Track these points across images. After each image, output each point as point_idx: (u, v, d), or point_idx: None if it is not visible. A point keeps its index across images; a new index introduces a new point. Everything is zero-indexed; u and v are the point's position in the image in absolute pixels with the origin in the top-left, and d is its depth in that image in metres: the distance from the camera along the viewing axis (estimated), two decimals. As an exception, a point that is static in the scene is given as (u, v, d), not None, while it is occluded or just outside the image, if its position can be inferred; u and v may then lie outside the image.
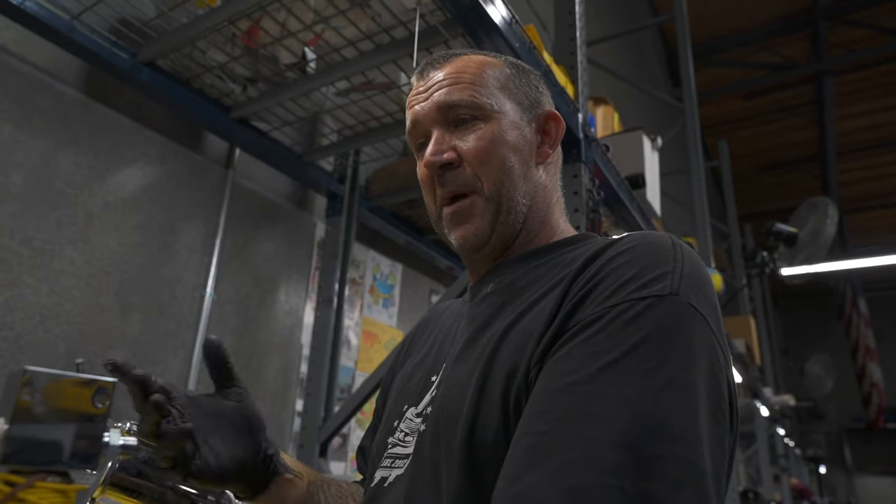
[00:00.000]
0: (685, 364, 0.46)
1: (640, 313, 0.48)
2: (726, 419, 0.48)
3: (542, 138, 0.74)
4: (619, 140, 2.19)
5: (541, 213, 0.72)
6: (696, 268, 0.53)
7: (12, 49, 1.38)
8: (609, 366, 0.46)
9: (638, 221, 2.04)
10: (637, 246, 0.54)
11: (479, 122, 0.68)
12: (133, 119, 1.62)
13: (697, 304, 0.50)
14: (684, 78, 4.26)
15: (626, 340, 0.47)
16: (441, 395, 0.61)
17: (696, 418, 0.44)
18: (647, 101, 6.28)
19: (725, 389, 0.49)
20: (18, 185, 1.36)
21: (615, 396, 0.44)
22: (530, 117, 0.73)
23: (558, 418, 0.45)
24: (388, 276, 2.60)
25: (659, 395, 0.44)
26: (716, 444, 0.46)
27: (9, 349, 1.30)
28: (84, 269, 1.46)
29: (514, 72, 0.75)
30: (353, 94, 1.73)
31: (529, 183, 0.70)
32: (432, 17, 1.35)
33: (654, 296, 0.49)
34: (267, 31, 1.49)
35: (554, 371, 0.49)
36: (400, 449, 0.63)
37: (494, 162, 0.67)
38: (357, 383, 2.26)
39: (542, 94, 0.76)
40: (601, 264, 0.54)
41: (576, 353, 0.48)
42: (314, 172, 2.09)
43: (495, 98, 0.70)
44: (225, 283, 1.82)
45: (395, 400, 0.72)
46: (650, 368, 0.45)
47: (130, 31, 1.46)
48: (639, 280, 0.50)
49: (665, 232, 0.58)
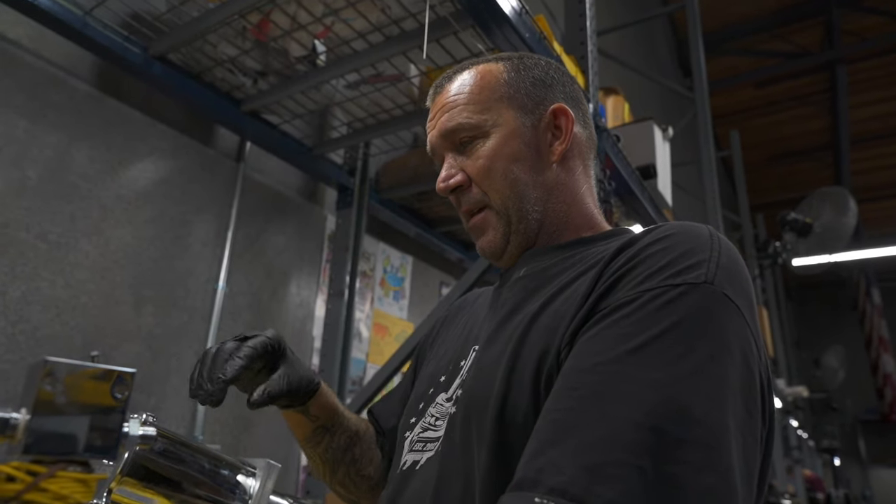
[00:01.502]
0: (716, 353, 0.46)
1: (672, 299, 0.48)
2: (759, 411, 0.48)
3: (553, 134, 0.72)
4: (630, 130, 2.18)
5: (560, 212, 0.71)
6: (733, 259, 0.53)
7: (26, 45, 1.39)
8: (638, 349, 0.46)
9: (649, 212, 2.03)
10: (675, 234, 0.54)
11: (479, 140, 0.71)
12: (145, 113, 1.63)
13: (733, 294, 0.49)
14: (695, 67, 4.22)
15: (656, 325, 0.47)
16: (471, 377, 0.62)
17: (724, 406, 0.44)
18: (657, 90, 6.23)
19: (758, 382, 0.49)
20: (34, 180, 1.37)
21: (641, 378, 0.44)
22: (535, 118, 0.72)
23: (584, 396, 0.45)
24: (399, 268, 2.61)
25: (685, 380, 0.44)
26: (748, 434, 0.45)
27: (26, 342, 1.32)
28: (99, 263, 1.48)
29: (514, 74, 0.73)
30: (363, 87, 1.73)
31: (540, 187, 0.70)
32: (442, 9, 1.35)
33: (688, 283, 0.49)
34: (277, 24, 1.49)
35: (583, 351, 0.49)
36: (431, 433, 0.64)
37: (497, 177, 0.70)
38: (368, 376, 2.27)
39: (550, 87, 0.74)
40: (637, 249, 0.54)
41: (606, 335, 0.49)
42: (324, 165, 2.09)
43: (492, 112, 0.71)
44: (237, 276, 1.84)
45: (425, 383, 0.73)
46: (679, 354, 0.45)
47: (142, 25, 1.47)
48: (674, 267, 0.50)
49: (704, 224, 0.58)
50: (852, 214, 5.11)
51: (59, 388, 0.52)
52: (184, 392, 1.63)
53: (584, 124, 0.76)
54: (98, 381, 0.55)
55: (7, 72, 1.35)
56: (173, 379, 1.61)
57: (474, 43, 1.45)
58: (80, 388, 0.54)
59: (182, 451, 0.81)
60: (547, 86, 0.74)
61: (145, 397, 1.54)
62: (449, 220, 2.54)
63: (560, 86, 0.76)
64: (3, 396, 1.26)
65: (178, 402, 1.61)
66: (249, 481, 0.89)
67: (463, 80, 0.73)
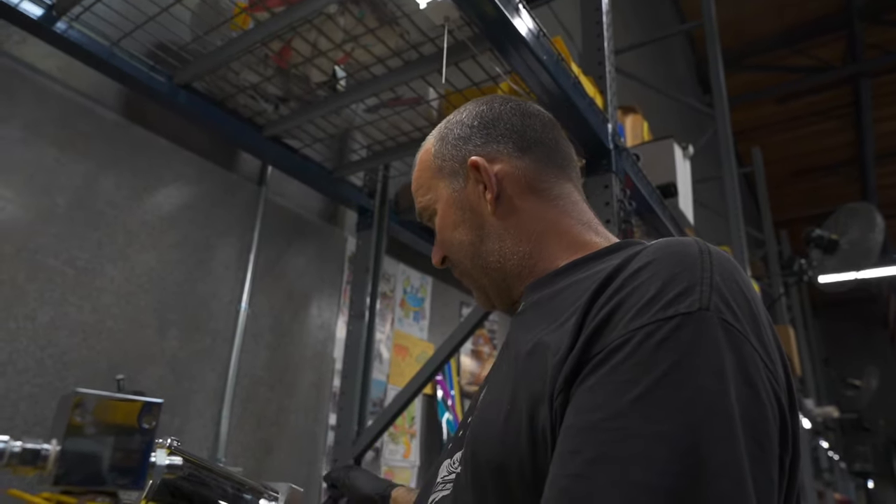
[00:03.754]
0: (722, 391, 0.43)
1: (667, 336, 0.44)
2: (773, 445, 0.44)
3: (485, 185, 0.71)
4: (650, 149, 2.17)
5: (525, 252, 0.69)
6: (728, 276, 0.49)
7: (56, 75, 1.43)
8: (641, 398, 0.43)
9: (671, 231, 2.01)
10: (660, 257, 0.50)
11: (434, 217, 0.77)
12: (170, 140, 1.67)
13: (731, 318, 0.46)
14: (714, 84, 4.20)
15: (655, 368, 0.43)
16: (474, 419, 0.62)
17: (738, 450, 0.41)
18: (676, 108, 6.21)
19: (773, 410, 0.45)
20: (62, 207, 1.41)
21: (650, 433, 0.41)
22: (463, 179, 0.73)
23: (592, 460, 0.42)
24: (419, 289, 2.61)
25: (697, 429, 0.41)
26: (760, 474, 0.42)
27: (54, 366, 1.34)
28: (124, 287, 1.50)
29: (439, 144, 0.76)
30: (382, 110, 1.75)
31: (488, 240, 0.71)
32: (460, 33, 1.36)
33: (681, 314, 0.45)
34: (298, 52, 1.52)
35: (583, 404, 0.46)
36: (454, 475, 0.64)
37: (450, 247, 0.75)
38: (389, 397, 2.26)
39: (468, 139, 0.74)
40: (623, 280, 0.50)
41: (604, 385, 0.45)
42: (344, 188, 2.11)
43: (433, 190, 0.76)
44: (259, 298, 1.85)
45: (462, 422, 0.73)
46: (685, 399, 0.42)
47: (167, 55, 1.51)
48: (663, 297, 0.46)
49: (692, 237, 0.54)
50: (880, 230, 5.00)
51: (89, 418, 0.53)
52: (207, 414, 1.64)
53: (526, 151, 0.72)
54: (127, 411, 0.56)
55: (38, 103, 1.39)
56: (197, 401, 1.62)
57: (492, 66, 1.46)
58: (109, 419, 0.55)
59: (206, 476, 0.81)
60: (465, 140, 0.74)
61: (169, 418, 1.55)
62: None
63: (481, 130, 0.74)
64: (31, 420, 1.28)
65: (201, 423, 1.62)
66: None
67: (416, 167, 0.80)
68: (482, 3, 1.16)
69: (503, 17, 1.18)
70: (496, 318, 3.15)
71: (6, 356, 1.26)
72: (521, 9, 1.24)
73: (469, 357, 2.88)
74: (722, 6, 4.89)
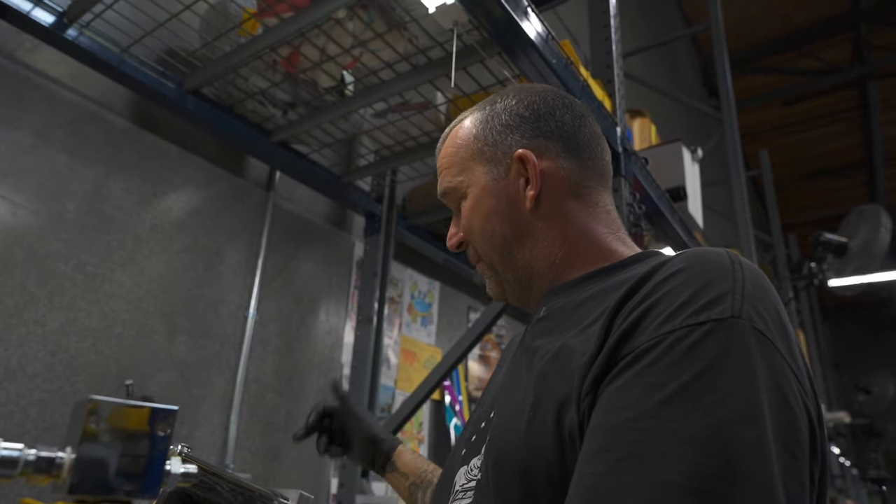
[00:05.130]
0: (753, 395, 0.42)
1: (699, 340, 0.44)
2: (805, 453, 0.44)
3: (526, 179, 0.69)
4: (659, 152, 2.16)
5: (553, 255, 0.68)
6: (760, 286, 0.49)
7: (67, 82, 1.44)
8: (669, 400, 0.42)
9: (680, 235, 2.00)
10: (692, 265, 0.50)
11: (462, 201, 0.73)
12: (179, 146, 1.67)
13: (763, 326, 0.45)
14: (721, 87, 4.19)
15: (686, 370, 0.43)
16: (496, 424, 0.61)
17: (769, 455, 0.41)
18: (682, 112, 6.19)
19: (803, 419, 0.45)
20: (72, 213, 1.41)
21: (678, 434, 0.41)
22: (504, 168, 0.70)
23: (619, 459, 0.42)
24: (427, 294, 2.61)
25: (726, 429, 0.41)
26: (792, 481, 0.41)
27: (64, 371, 1.34)
28: (133, 292, 1.50)
29: (482, 126, 0.72)
30: (390, 115, 1.75)
31: (521, 237, 0.69)
32: (469, 37, 1.36)
33: (713, 320, 0.45)
34: (307, 57, 1.52)
35: (610, 405, 0.46)
36: (473, 483, 0.63)
37: (476, 235, 0.72)
38: (397, 402, 2.26)
39: (516, 128, 0.70)
40: (653, 285, 0.50)
41: (632, 386, 0.45)
42: (352, 193, 2.11)
43: (466, 172, 0.72)
44: (267, 304, 1.85)
45: (470, 428, 0.71)
46: (715, 401, 0.42)
47: (177, 61, 1.52)
48: (696, 303, 0.46)
49: (722, 248, 0.54)
50: (886, 230, 4.97)
51: (104, 426, 0.53)
52: (216, 419, 1.63)
53: (574, 153, 0.70)
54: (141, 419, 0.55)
55: (49, 109, 1.40)
56: (205, 406, 1.62)
57: (501, 70, 1.46)
58: (124, 426, 0.54)
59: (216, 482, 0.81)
60: (513, 129, 0.71)
61: (178, 424, 1.53)
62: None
63: (532, 122, 0.71)
64: (42, 426, 1.28)
65: (210, 429, 1.62)
66: (282, 513, 0.88)
67: (447, 143, 0.76)
68: (491, 7, 1.16)
69: (512, 20, 1.18)
70: (504, 324, 3.14)
71: (16, 361, 1.26)
72: (530, 12, 1.24)
73: (477, 362, 2.87)
74: (728, 9, 4.88)
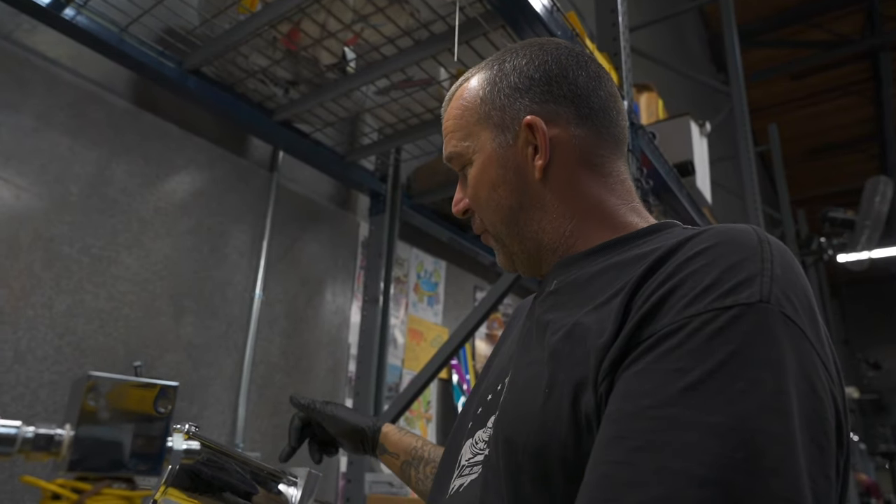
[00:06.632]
0: (781, 385, 0.40)
1: (725, 325, 0.42)
2: (832, 444, 0.42)
3: (534, 147, 0.64)
4: (666, 127, 2.13)
5: (563, 227, 0.64)
6: (789, 268, 0.46)
7: (66, 63, 1.42)
8: (692, 387, 0.41)
9: (688, 210, 1.98)
10: (718, 244, 0.48)
11: (468, 167, 0.70)
12: (181, 126, 1.66)
13: (792, 312, 0.43)
14: (730, 61, 4.12)
15: (710, 357, 0.41)
16: (506, 400, 0.59)
17: (795, 447, 0.39)
18: (689, 87, 6.10)
19: (831, 409, 0.43)
20: (76, 195, 1.40)
21: (700, 423, 0.39)
22: (512, 135, 0.65)
23: (637, 447, 0.41)
24: (433, 273, 2.60)
25: (751, 421, 0.39)
26: (818, 474, 0.40)
27: (72, 353, 1.35)
28: (139, 275, 1.50)
29: (489, 88, 0.67)
30: (393, 92, 1.73)
31: (529, 208, 0.65)
32: (472, 10, 1.34)
33: (740, 304, 0.43)
34: (307, 33, 1.50)
35: (629, 390, 0.44)
36: (479, 457, 0.61)
37: (484, 205, 0.68)
38: (405, 382, 2.27)
39: (526, 91, 0.65)
40: (676, 265, 0.48)
41: (653, 371, 0.43)
42: (356, 172, 2.10)
43: (472, 137, 0.68)
44: (273, 285, 1.85)
45: (475, 401, 0.69)
46: (741, 390, 0.40)
47: (176, 40, 1.50)
48: (722, 285, 0.44)
49: (749, 225, 0.51)
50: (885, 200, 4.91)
51: (103, 402, 0.52)
52: (224, 400, 1.64)
53: (587, 119, 0.65)
54: (141, 396, 0.55)
55: (50, 91, 1.38)
56: (214, 387, 1.63)
57: (504, 43, 1.43)
58: (124, 403, 0.54)
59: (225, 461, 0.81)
60: (522, 92, 0.66)
61: (187, 405, 1.56)
62: (482, 223, 2.52)
63: (543, 85, 0.66)
64: (52, 408, 1.29)
65: (219, 409, 1.63)
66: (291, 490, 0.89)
67: (453, 104, 0.72)
68: (494, -22, 1.13)
69: (516, -9, 1.16)
70: (510, 302, 3.14)
71: (25, 344, 1.27)
72: (534, -17, 1.21)
73: (483, 341, 2.87)
74: (736, -20, 4.78)
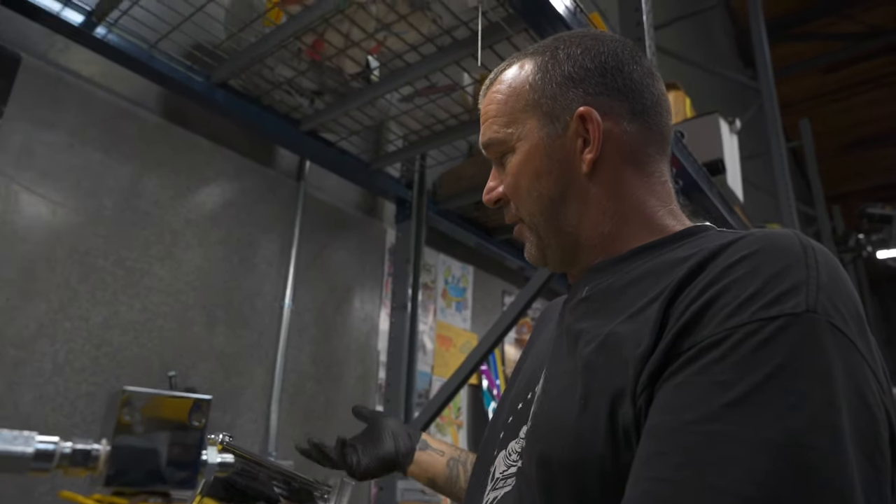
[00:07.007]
0: (831, 399, 0.39)
1: (771, 336, 0.40)
2: (886, 460, 0.40)
3: (584, 140, 0.62)
4: (694, 126, 2.09)
5: (603, 224, 0.63)
6: (835, 276, 0.44)
7: (98, 81, 1.46)
8: (738, 402, 0.39)
9: (720, 209, 1.93)
10: (760, 250, 0.46)
11: (508, 155, 0.67)
12: (210, 139, 1.68)
13: (841, 322, 0.42)
14: (759, 56, 4.04)
15: (756, 370, 0.39)
16: (539, 411, 0.57)
17: (848, 464, 0.37)
18: (715, 84, 6.00)
19: (884, 422, 0.41)
20: (109, 209, 1.44)
21: (748, 439, 0.37)
22: (562, 125, 0.63)
23: (681, 464, 0.39)
24: (460, 278, 2.59)
25: (801, 438, 0.37)
26: (873, 493, 0.38)
27: (108, 364, 1.37)
28: (172, 286, 1.53)
29: (541, 75, 0.65)
30: (416, 99, 1.73)
31: (572, 202, 0.63)
32: (494, 14, 1.33)
33: (786, 314, 0.41)
34: (331, 43, 1.51)
35: (671, 403, 0.42)
36: (513, 469, 0.59)
37: (523, 195, 0.66)
38: (434, 388, 2.26)
39: (580, 82, 0.63)
40: (717, 272, 0.46)
41: (695, 384, 0.41)
42: (382, 179, 2.11)
43: (517, 124, 0.66)
44: (302, 293, 1.87)
45: (506, 409, 0.68)
46: (790, 405, 0.38)
47: (203, 55, 1.52)
48: (767, 294, 0.42)
49: (791, 230, 0.49)
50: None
51: (138, 417, 0.53)
52: (257, 408, 1.66)
53: (639, 115, 0.64)
54: (175, 409, 0.55)
55: (83, 108, 1.42)
56: (246, 396, 1.64)
57: (528, 46, 1.42)
58: (158, 417, 0.55)
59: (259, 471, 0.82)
60: (577, 82, 0.63)
61: (220, 414, 1.57)
62: (508, 228, 2.47)
63: (598, 76, 0.64)
64: (90, 419, 1.31)
65: (252, 418, 1.64)
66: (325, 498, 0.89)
67: (495, 88, 0.69)
68: (517, -19, 1.13)
69: (539, -7, 1.15)
70: (539, 307, 3.11)
71: (63, 356, 1.30)
72: (557, -16, 1.20)
73: (513, 346, 2.85)
74: (763, -26, 4.69)
